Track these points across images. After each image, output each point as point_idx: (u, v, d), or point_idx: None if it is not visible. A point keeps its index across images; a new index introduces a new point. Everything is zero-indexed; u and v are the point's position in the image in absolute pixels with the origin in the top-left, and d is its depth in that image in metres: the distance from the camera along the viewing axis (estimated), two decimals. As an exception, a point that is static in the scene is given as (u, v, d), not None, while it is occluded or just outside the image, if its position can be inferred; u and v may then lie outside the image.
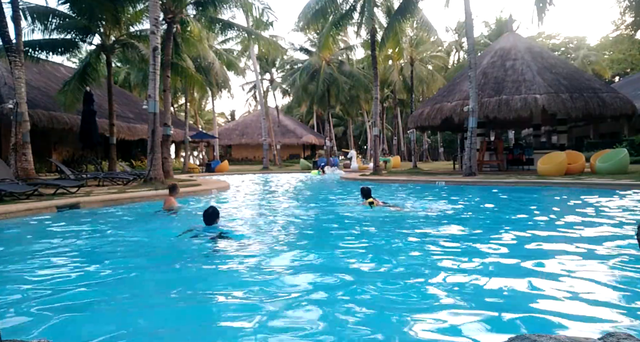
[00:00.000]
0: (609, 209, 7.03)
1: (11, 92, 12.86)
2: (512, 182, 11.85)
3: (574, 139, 29.04)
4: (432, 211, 7.33)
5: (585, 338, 1.50)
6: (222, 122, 62.33)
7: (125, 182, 13.10)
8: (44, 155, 17.75)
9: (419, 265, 3.80)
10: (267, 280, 3.35)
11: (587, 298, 2.77)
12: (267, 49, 21.30)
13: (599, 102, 15.28)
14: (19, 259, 4.26)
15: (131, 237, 5.50)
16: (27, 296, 3.04)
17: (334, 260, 4.05)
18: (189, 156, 31.61)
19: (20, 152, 11.49)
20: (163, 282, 3.52)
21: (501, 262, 3.82)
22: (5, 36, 11.36)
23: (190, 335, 2.39)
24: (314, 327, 2.38)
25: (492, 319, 2.45)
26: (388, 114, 49.86)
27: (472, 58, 14.77)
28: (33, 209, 7.25)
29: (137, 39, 17.51)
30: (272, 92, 39.17)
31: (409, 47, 30.81)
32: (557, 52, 41.73)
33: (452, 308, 2.65)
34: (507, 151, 18.00)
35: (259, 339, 2.22)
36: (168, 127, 16.11)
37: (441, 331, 2.32)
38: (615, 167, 12.63)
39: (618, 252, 3.97)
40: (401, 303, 2.79)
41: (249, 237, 5.18)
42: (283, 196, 11.46)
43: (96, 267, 3.91)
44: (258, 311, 2.63)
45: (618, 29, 34.94)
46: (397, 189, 12.29)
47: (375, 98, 18.93)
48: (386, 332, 2.31)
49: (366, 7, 17.45)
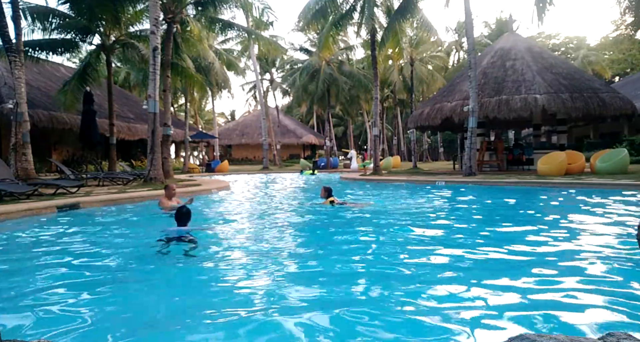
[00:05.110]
0: (608, 209, 7.03)
1: (11, 92, 12.85)
2: (512, 182, 11.85)
3: (574, 139, 29.03)
4: (421, 209, 7.33)
5: (585, 338, 1.50)
6: (222, 122, 62.35)
7: (125, 182, 13.10)
8: (44, 155, 17.74)
9: (415, 264, 3.80)
10: (234, 280, 3.41)
11: (587, 298, 2.77)
12: (267, 49, 21.28)
13: (599, 102, 15.27)
14: (19, 259, 4.25)
15: (131, 237, 5.50)
16: (27, 296, 3.04)
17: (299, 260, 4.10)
18: (189, 156, 31.63)
19: (20, 152, 11.49)
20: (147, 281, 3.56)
21: (501, 262, 3.82)
22: (5, 36, 11.36)
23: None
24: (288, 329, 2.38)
25: (492, 319, 2.45)
26: (388, 114, 49.83)
27: (472, 58, 14.76)
28: (33, 209, 7.24)
29: (137, 39, 17.51)
30: (272, 92, 39.16)
31: (408, 47, 30.74)
32: (557, 52, 41.71)
33: (452, 308, 2.65)
34: (507, 151, 17.99)
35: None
36: (168, 127, 16.11)
37: (441, 331, 2.32)
38: (615, 167, 12.63)
39: (618, 252, 3.97)
40: (401, 303, 2.79)
41: (220, 238, 5.25)
42: (271, 197, 11.44)
43: (96, 267, 3.91)
44: (224, 310, 2.63)
45: (618, 29, 34.93)
46: (397, 189, 12.29)
47: (375, 98, 18.93)
48: (386, 333, 2.31)
49: (366, 7, 17.43)
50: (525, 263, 3.70)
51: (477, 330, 2.32)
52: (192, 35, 17.87)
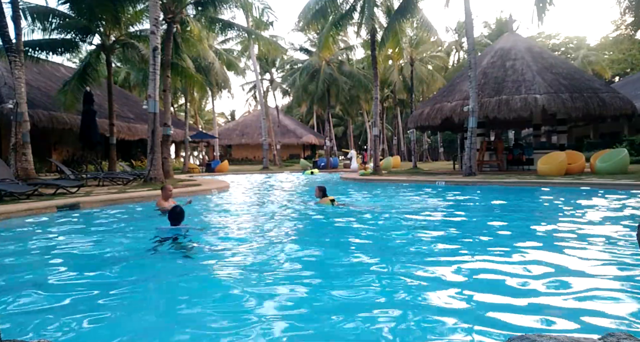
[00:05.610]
0: (608, 209, 7.03)
1: (11, 92, 12.86)
2: (512, 182, 11.84)
3: (574, 139, 29.03)
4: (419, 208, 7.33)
5: (585, 338, 1.50)
6: (222, 122, 62.34)
7: (125, 182, 13.10)
8: (44, 155, 17.74)
9: (415, 264, 3.80)
10: (233, 280, 3.41)
11: (587, 298, 2.77)
12: (267, 49, 21.29)
13: (599, 102, 15.27)
14: (19, 259, 4.26)
15: (131, 237, 5.50)
16: (27, 295, 3.04)
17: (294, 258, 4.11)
18: (189, 156, 31.63)
19: (20, 152, 11.49)
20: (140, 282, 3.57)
21: (500, 262, 3.82)
22: (5, 36, 11.36)
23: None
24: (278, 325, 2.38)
25: (492, 319, 2.45)
26: (388, 114, 49.82)
27: (472, 58, 14.76)
28: (33, 209, 7.25)
29: (137, 39, 17.51)
30: (272, 92, 39.15)
31: (408, 47, 30.74)
32: (557, 52, 41.71)
33: (452, 308, 2.65)
34: (507, 151, 17.99)
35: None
36: (168, 127, 16.11)
37: (441, 331, 2.32)
38: (615, 167, 12.63)
39: (618, 252, 3.97)
40: (401, 303, 2.79)
41: (219, 238, 5.25)
42: (271, 197, 11.44)
43: (96, 267, 3.91)
44: (217, 309, 2.63)
45: (618, 29, 34.91)
46: (397, 189, 12.28)
47: (375, 98, 18.93)
48: (386, 333, 2.31)
49: (366, 7, 17.43)
50: (525, 263, 3.70)
51: (477, 330, 2.32)
52: (192, 35, 17.87)
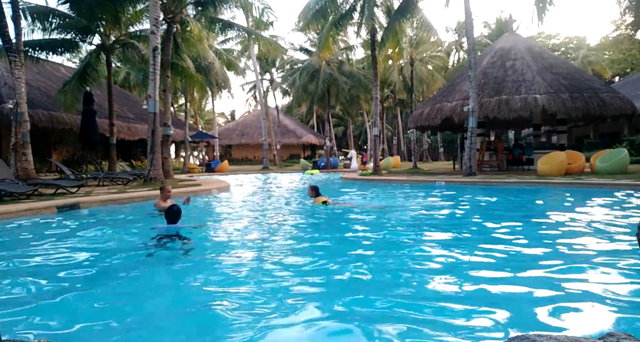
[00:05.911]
0: (608, 209, 7.03)
1: (11, 92, 12.85)
2: (512, 182, 11.84)
3: (574, 139, 29.03)
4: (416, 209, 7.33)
5: (585, 338, 1.50)
6: (222, 122, 62.35)
7: (125, 182, 13.10)
8: (44, 155, 17.74)
9: (413, 264, 3.80)
10: (233, 280, 3.43)
11: (587, 298, 2.77)
12: (267, 49, 21.30)
13: (599, 102, 15.27)
14: (19, 259, 4.25)
15: (131, 237, 5.50)
16: (27, 295, 3.05)
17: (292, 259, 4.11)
18: (189, 156, 31.63)
19: (20, 152, 11.49)
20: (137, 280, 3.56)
21: (500, 262, 3.82)
22: (5, 36, 11.36)
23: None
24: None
25: (491, 319, 2.45)
26: (388, 114, 49.81)
27: (472, 58, 14.76)
28: (33, 209, 7.24)
29: (137, 39, 17.51)
30: (272, 92, 39.16)
31: (408, 47, 30.75)
32: (557, 52, 41.70)
33: (452, 308, 2.65)
34: (507, 151, 17.99)
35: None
36: (168, 127, 16.11)
37: (441, 331, 2.31)
38: (615, 167, 12.63)
39: (618, 252, 3.97)
40: (400, 303, 2.79)
41: (219, 239, 5.25)
42: (270, 196, 11.43)
43: (95, 267, 3.91)
44: (210, 308, 2.63)
45: (618, 29, 34.91)
46: (396, 189, 12.28)
47: (375, 98, 18.93)
48: (386, 333, 2.31)
49: (366, 7, 17.43)
50: (524, 263, 3.70)
51: (477, 330, 2.32)
52: (192, 35, 17.87)
